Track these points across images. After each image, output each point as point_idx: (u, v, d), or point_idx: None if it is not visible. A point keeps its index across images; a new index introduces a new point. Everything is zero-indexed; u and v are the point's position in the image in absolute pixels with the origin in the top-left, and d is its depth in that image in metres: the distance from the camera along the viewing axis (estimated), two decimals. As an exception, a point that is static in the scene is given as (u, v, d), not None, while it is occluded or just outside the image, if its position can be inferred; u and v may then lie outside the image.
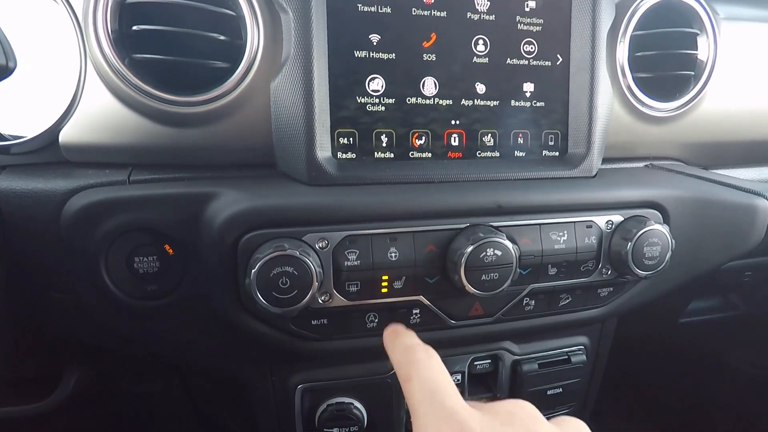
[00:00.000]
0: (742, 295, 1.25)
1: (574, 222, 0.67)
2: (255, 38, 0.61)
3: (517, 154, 0.72)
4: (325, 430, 0.72)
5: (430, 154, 0.68)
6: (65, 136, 0.62)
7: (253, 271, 0.54)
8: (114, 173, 0.63)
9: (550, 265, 0.67)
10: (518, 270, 0.63)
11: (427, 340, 0.68)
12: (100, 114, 0.62)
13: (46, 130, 0.63)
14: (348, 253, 0.59)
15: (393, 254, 0.61)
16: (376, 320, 0.64)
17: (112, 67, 0.59)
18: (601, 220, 0.69)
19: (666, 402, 1.44)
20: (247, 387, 0.74)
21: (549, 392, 0.81)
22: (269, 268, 0.54)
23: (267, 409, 0.74)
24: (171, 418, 0.93)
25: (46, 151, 0.65)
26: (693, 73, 0.78)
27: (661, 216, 0.71)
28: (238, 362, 0.72)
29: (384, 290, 0.61)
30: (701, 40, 0.78)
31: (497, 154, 0.71)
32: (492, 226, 0.63)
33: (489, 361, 0.78)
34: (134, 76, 0.59)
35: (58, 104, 0.62)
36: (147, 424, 0.91)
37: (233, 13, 0.61)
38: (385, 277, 0.60)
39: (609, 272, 0.71)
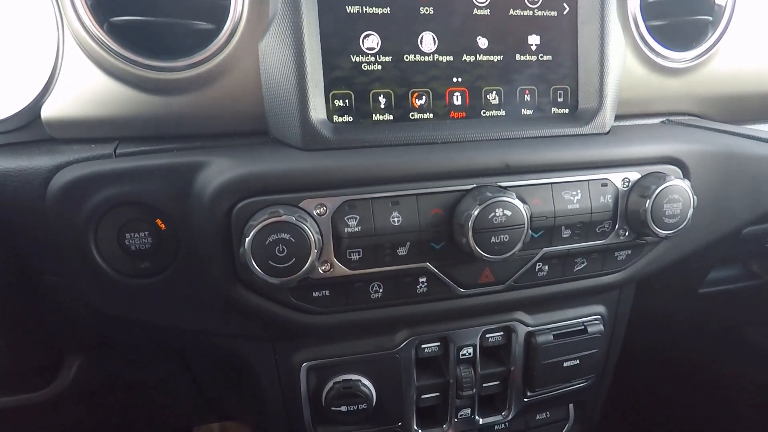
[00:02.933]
0: (763, 264, 1.20)
1: (588, 180, 0.63)
2: (239, -5, 0.58)
3: (525, 112, 0.68)
4: (332, 409, 0.70)
5: (431, 115, 0.64)
6: (47, 111, 0.59)
7: (247, 239, 0.51)
8: (100, 147, 0.60)
9: (563, 227, 0.63)
10: (530, 232, 0.59)
11: (435, 311, 0.66)
12: (81, 85, 0.59)
13: (26, 107, 0.60)
14: (348, 218, 0.56)
15: (396, 219, 0.57)
16: (381, 290, 0.61)
17: (90, 33, 0.56)
18: (616, 177, 0.64)
19: (685, 376, 1.39)
20: (251, 367, 0.71)
21: (565, 364, 0.77)
22: (264, 236, 0.51)
23: (272, 390, 0.72)
24: (176, 405, 0.92)
25: (28, 128, 0.62)
26: (711, 18, 0.73)
27: (681, 172, 0.67)
28: (239, 341, 0.69)
29: (388, 257, 0.58)
30: (719, -17, 0.73)
31: (503, 112, 0.67)
32: (500, 186, 0.59)
33: (501, 333, 0.75)
34: (114, 42, 0.56)
35: (38, 78, 0.59)
36: (152, 413, 0.89)
37: (215, -30, 0.57)
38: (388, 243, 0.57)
39: (627, 233, 0.67)
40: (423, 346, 0.72)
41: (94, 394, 0.85)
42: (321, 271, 0.57)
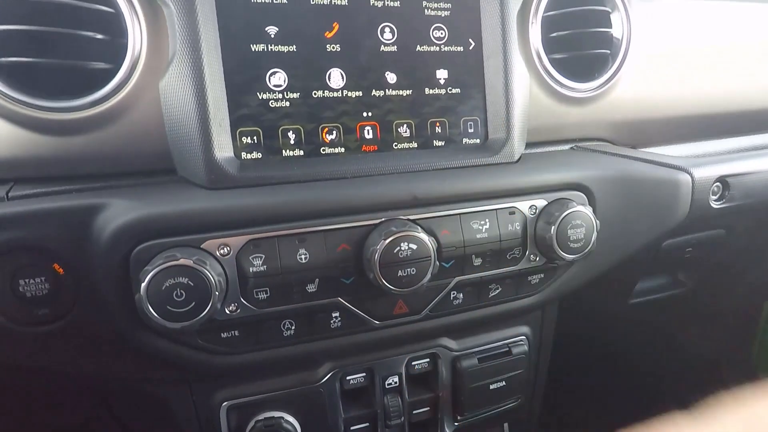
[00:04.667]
0: (687, 272, 1.27)
1: (496, 209, 0.65)
2: (137, 35, 0.57)
3: (437, 143, 0.70)
4: (255, 449, 0.68)
5: (343, 149, 0.65)
6: (-65, 154, 0.56)
7: (142, 285, 0.50)
8: (-8, 190, 0.57)
9: (474, 255, 0.64)
10: (439, 263, 0.60)
11: (356, 344, 0.66)
12: (-30, 126, 0.56)
13: None
14: (253, 258, 0.56)
15: (303, 256, 0.57)
16: (294, 327, 0.60)
17: (-24, 73, 0.54)
18: (524, 205, 0.67)
19: (620, 388, 1.44)
20: (169, 409, 0.69)
21: (492, 386, 0.79)
22: (161, 281, 0.50)
23: (192, 430, 0.69)
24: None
25: None
26: (609, 51, 0.78)
27: (585, 197, 0.70)
28: (153, 383, 0.67)
29: (297, 294, 0.58)
30: (615, 17, 0.78)
31: (415, 144, 0.69)
32: (410, 219, 0.61)
33: (427, 360, 0.75)
34: (2, 83, 0.54)
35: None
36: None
37: (111, 10, 0.56)
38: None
39: (537, 258, 0.69)
40: (348, 377, 0.72)
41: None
42: (227, 312, 0.56)
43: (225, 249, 0.55)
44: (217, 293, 0.52)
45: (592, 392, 1.41)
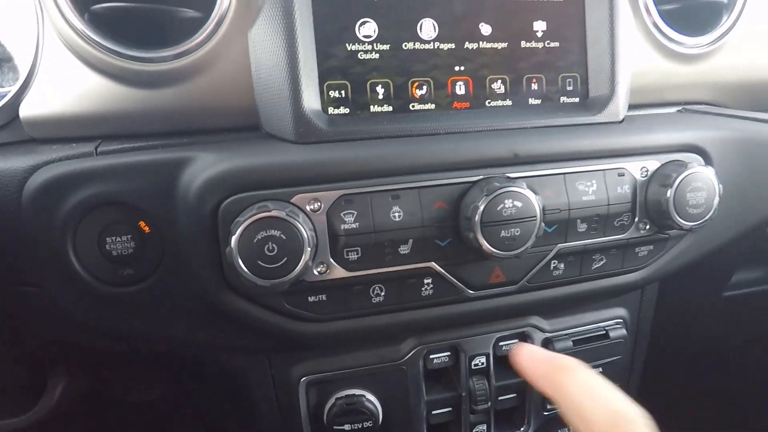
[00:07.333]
0: (789, 264, 1.14)
1: (604, 170, 0.59)
2: (227, -18, 0.55)
3: (532, 101, 0.64)
4: (335, 427, 0.64)
5: (433, 105, 0.61)
6: (26, 109, 0.56)
7: (233, 237, 0.47)
8: (81, 146, 0.56)
9: (579, 220, 0.58)
10: (542, 225, 0.54)
11: (443, 317, 0.61)
12: (62, 80, 0.56)
13: (3, 106, 0.57)
14: (344, 215, 0.52)
15: (396, 214, 0.53)
16: (383, 293, 0.56)
17: (70, 24, 0.53)
18: (634, 167, 0.60)
19: (711, 384, 1.32)
20: (246, 384, 0.66)
21: (587, 373, 0.71)
22: (252, 233, 0.47)
23: (269, 407, 0.66)
24: (171, 427, 0.86)
25: (6, 129, 0.58)
26: (725, 1, 0.69)
27: (702, 160, 0.62)
28: (232, 354, 0.64)
29: (389, 257, 0.53)
30: (731, -35, 0.70)
31: (509, 102, 0.63)
32: (509, 177, 0.55)
33: (516, 340, 0.69)
34: (95, 32, 0.53)
35: (16, 74, 0.56)
36: (145, 436, 0.84)
37: (201, -44, 0.55)
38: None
39: (647, 227, 0.62)
40: (432, 356, 0.67)
41: (81, 417, 0.80)
42: (316, 273, 0.52)
43: (316, 204, 0.51)
44: (309, 249, 0.48)
45: (684, 390, 1.29)
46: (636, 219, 0.61)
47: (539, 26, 0.63)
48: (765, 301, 1.15)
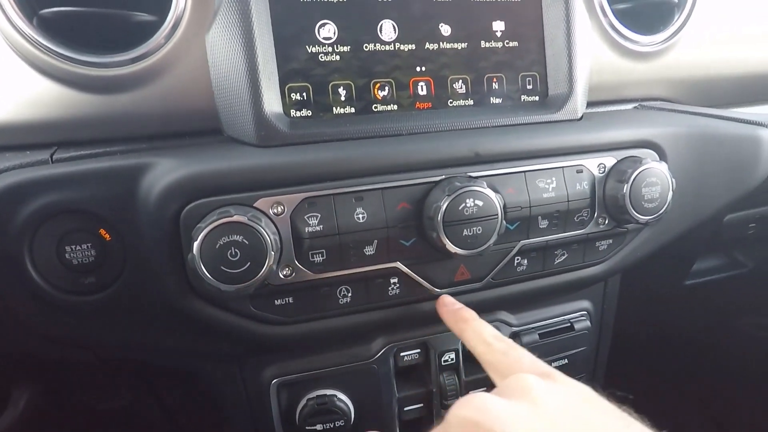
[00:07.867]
0: (747, 251, 1.19)
1: (563, 167, 0.60)
2: (182, -16, 0.54)
3: (494, 100, 0.65)
4: (307, 428, 0.64)
5: (395, 106, 0.61)
6: (-24, 117, 0.54)
7: (195, 243, 0.46)
8: (36, 154, 0.55)
9: (540, 217, 0.60)
10: (504, 223, 0.55)
11: (412, 315, 0.61)
12: (13, 87, 0.54)
13: (-48, 113, 0.55)
14: (308, 217, 0.52)
15: (360, 215, 0.53)
16: (350, 294, 0.56)
17: (17, 29, 0.51)
18: (592, 163, 0.62)
19: (674, 370, 1.37)
20: (217, 388, 0.66)
21: (553, 364, 0.73)
22: (214, 239, 0.47)
23: (241, 411, 0.66)
24: (143, 434, 0.85)
25: (-43, 138, 0.56)
26: (676, 0, 0.72)
27: (657, 155, 0.64)
28: (201, 359, 0.63)
29: (354, 258, 0.54)
30: (681, -35, 0.72)
31: (471, 102, 0.64)
32: (471, 176, 0.56)
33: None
34: (45, 37, 0.52)
35: (-35, 80, 0.54)
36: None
37: (155, -42, 0.54)
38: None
39: (606, 221, 0.64)
40: (402, 354, 0.68)
41: (49, 428, 0.78)
42: (282, 276, 0.52)
43: (279, 208, 0.51)
44: (273, 253, 0.48)
45: (649, 376, 1.33)
46: (595, 214, 0.63)
47: (498, 26, 0.64)
48: (725, 289, 1.20)
